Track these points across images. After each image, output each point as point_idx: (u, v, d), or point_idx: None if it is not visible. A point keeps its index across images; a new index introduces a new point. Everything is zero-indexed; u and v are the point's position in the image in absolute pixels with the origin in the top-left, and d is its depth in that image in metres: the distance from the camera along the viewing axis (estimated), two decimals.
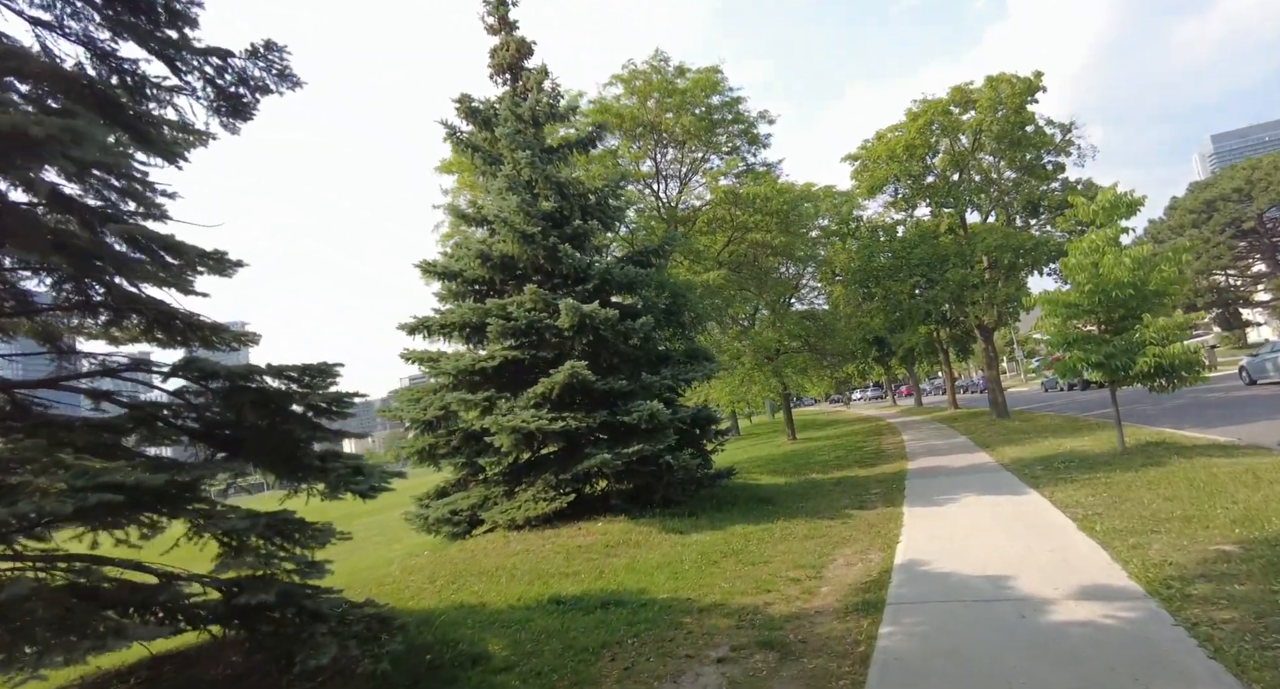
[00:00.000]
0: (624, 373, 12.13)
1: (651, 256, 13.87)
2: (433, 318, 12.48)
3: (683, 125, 21.39)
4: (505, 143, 12.47)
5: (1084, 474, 10.84)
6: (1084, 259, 12.41)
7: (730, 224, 21.65)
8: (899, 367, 48.16)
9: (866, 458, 18.98)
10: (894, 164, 23.93)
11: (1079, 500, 8.83)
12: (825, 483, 14.87)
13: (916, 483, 12.79)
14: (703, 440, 13.65)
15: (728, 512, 11.63)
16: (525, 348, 12.23)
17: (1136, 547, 6.26)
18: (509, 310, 11.60)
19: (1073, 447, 14.47)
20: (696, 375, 12.50)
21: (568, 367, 10.87)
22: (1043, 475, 11.43)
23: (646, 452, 10.98)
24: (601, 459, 10.64)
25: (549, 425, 10.80)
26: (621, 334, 11.91)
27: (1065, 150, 24.45)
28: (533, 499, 11.19)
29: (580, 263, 11.89)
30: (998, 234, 22.66)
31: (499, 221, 11.79)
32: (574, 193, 13.17)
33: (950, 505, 9.97)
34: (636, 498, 11.77)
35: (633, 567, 8.19)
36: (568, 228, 12.35)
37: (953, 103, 23.45)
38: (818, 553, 8.07)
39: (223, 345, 6.75)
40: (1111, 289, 11.98)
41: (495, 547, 10.03)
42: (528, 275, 12.74)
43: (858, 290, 25.37)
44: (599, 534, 10.14)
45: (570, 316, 11.15)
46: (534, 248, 11.96)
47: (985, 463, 14.22)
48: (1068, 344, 12.76)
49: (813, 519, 10.29)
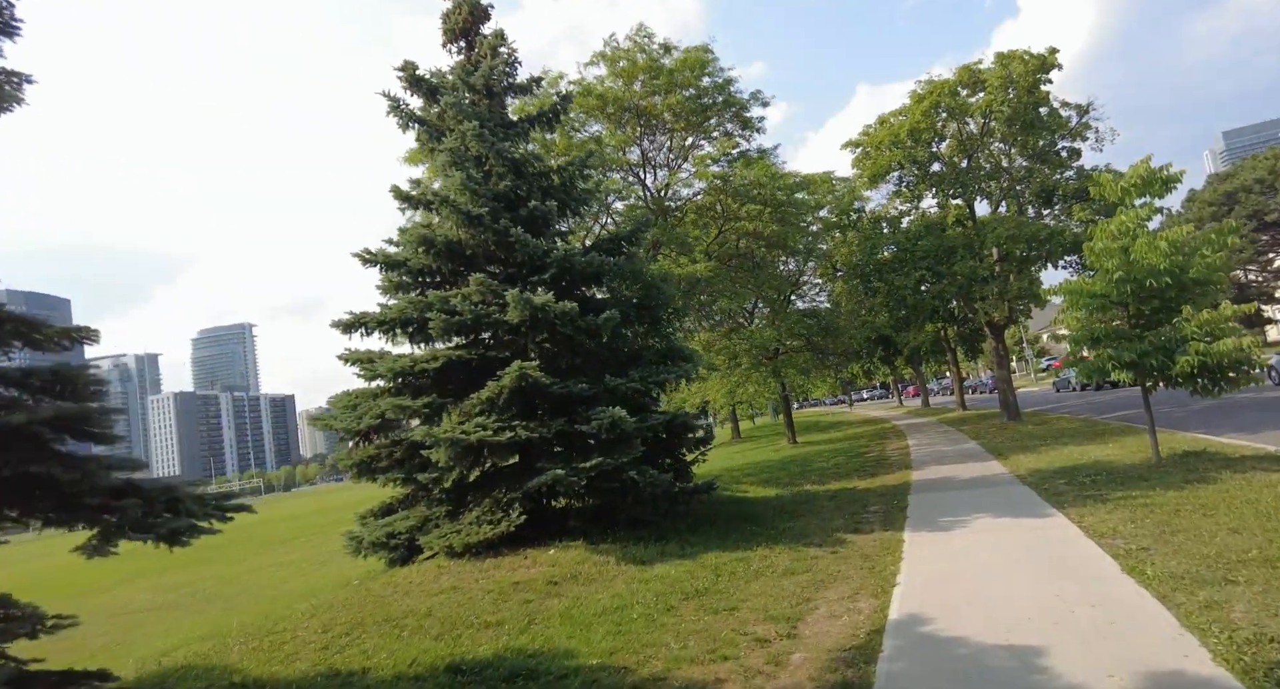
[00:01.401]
0: (587, 375, 10.64)
1: (623, 243, 12.37)
2: (371, 314, 11.00)
3: (670, 107, 19.87)
4: (451, 113, 11.00)
5: (1117, 491, 9.28)
6: (1112, 243, 10.86)
7: (720, 214, 20.13)
8: (904, 366, 46.48)
9: (868, 466, 17.43)
10: (897, 150, 22.34)
11: (1117, 528, 7.28)
12: (820, 497, 13.33)
13: (921, 499, 11.25)
14: (680, 450, 12.12)
15: (703, 534, 10.11)
16: (473, 347, 10.77)
17: (1211, 606, 4.71)
18: (451, 303, 10.11)
19: (1098, 456, 12.89)
20: (671, 377, 10.98)
21: (515, 367, 9.38)
22: (1067, 492, 9.88)
23: (607, 466, 9.47)
24: (554, 475, 9.15)
25: (493, 436, 9.31)
26: (583, 330, 10.41)
27: (1081, 134, 22.80)
28: (476, 522, 9.71)
29: (536, 249, 10.39)
30: (1009, 224, 21.04)
31: (440, 201, 10.32)
32: (533, 171, 11.69)
33: (959, 531, 8.43)
34: (599, 518, 10.28)
35: (571, 614, 6.68)
36: (523, 210, 10.86)
37: (960, 84, 21.84)
38: (797, 597, 6.55)
39: (50, 344, 5.31)
40: (1145, 277, 10.43)
41: (423, 581, 8.55)
42: (480, 264, 11.27)
43: (859, 285, 23.78)
44: (546, 564, 8.64)
45: (519, 310, 9.66)
46: (481, 232, 10.48)
47: (998, 474, 12.66)
48: (1094, 341, 11.20)
49: (798, 546, 8.77)
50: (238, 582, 16.98)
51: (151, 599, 16.19)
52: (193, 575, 19.56)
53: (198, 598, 15.29)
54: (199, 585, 17.26)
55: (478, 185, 10.62)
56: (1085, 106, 21.94)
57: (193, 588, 16.98)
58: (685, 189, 20.67)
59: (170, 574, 20.93)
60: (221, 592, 15.78)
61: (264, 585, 15.32)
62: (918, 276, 20.92)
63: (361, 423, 10.51)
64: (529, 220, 10.86)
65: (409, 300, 10.60)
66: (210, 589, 16.50)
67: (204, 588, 16.81)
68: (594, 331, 10.62)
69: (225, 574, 18.86)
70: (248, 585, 15.95)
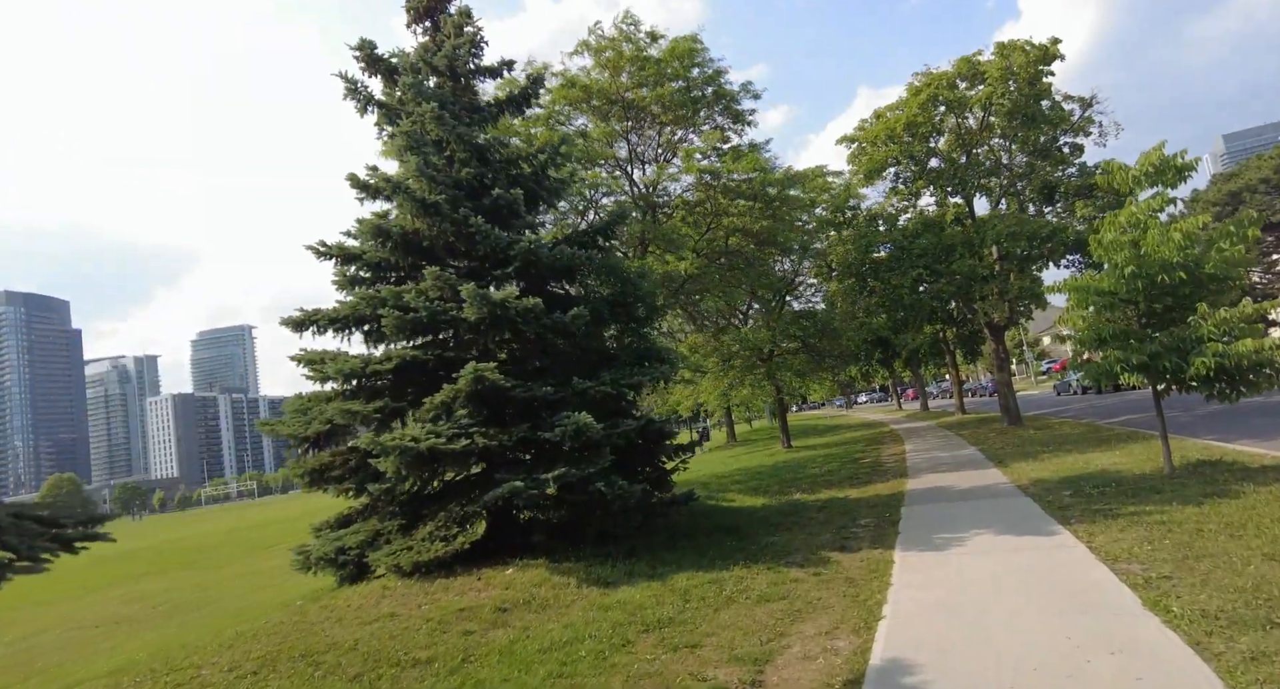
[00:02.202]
0: (555, 377, 9.84)
1: (599, 236, 11.57)
2: (323, 311, 10.21)
3: (658, 98, 19.10)
4: (409, 94, 10.21)
5: (1128, 505, 8.48)
6: (1121, 236, 10.07)
7: (709, 210, 19.34)
8: (903, 369, 45.67)
9: (861, 473, 16.61)
10: (894, 146, 21.54)
11: (1133, 550, 6.47)
12: (809, 507, 12.52)
13: (915, 512, 10.44)
14: (659, 458, 11.31)
15: (679, 549, 9.30)
16: (431, 347, 9.97)
17: (1258, 658, 3.90)
18: (405, 299, 9.31)
19: (1104, 464, 12.09)
20: (647, 379, 10.18)
21: (470, 368, 8.58)
22: (1073, 505, 9.07)
23: (572, 477, 8.66)
24: (511, 487, 8.34)
25: (446, 444, 8.50)
26: (550, 329, 9.62)
27: (1084, 129, 22.01)
28: (429, 538, 8.90)
29: (499, 241, 9.60)
30: (1009, 221, 20.25)
31: (393, 188, 9.53)
32: (499, 158, 10.91)
33: (955, 551, 7.62)
34: (566, 532, 9.48)
35: (513, 650, 5.87)
36: (486, 199, 10.07)
37: (959, 76, 21.05)
38: (769, 630, 5.74)
39: None
40: (1157, 272, 9.62)
41: (363, 605, 7.74)
42: (441, 258, 10.48)
43: (855, 285, 22.97)
44: (500, 587, 7.84)
45: (476, 306, 8.86)
46: (439, 221, 9.69)
47: (999, 484, 11.85)
48: (1100, 341, 10.39)
49: (778, 566, 7.95)
50: (210, 590, 16.38)
51: (116, 611, 15.49)
52: (168, 583, 18.92)
53: (161, 610, 14.60)
54: (169, 595, 16.61)
55: (436, 171, 9.83)
56: (1089, 100, 21.17)
57: (162, 598, 16.33)
58: (673, 184, 19.88)
59: (147, 581, 20.25)
60: (189, 603, 15.08)
61: (233, 596, 14.65)
62: (915, 275, 20.12)
63: (309, 429, 9.70)
64: (493, 210, 10.08)
65: (361, 296, 9.81)
66: (179, 600, 15.81)
67: (173, 598, 16.14)
68: (563, 330, 9.84)
69: (202, 582, 18.24)
70: (218, 596, 15.28)
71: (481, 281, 9.68)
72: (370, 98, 10.94)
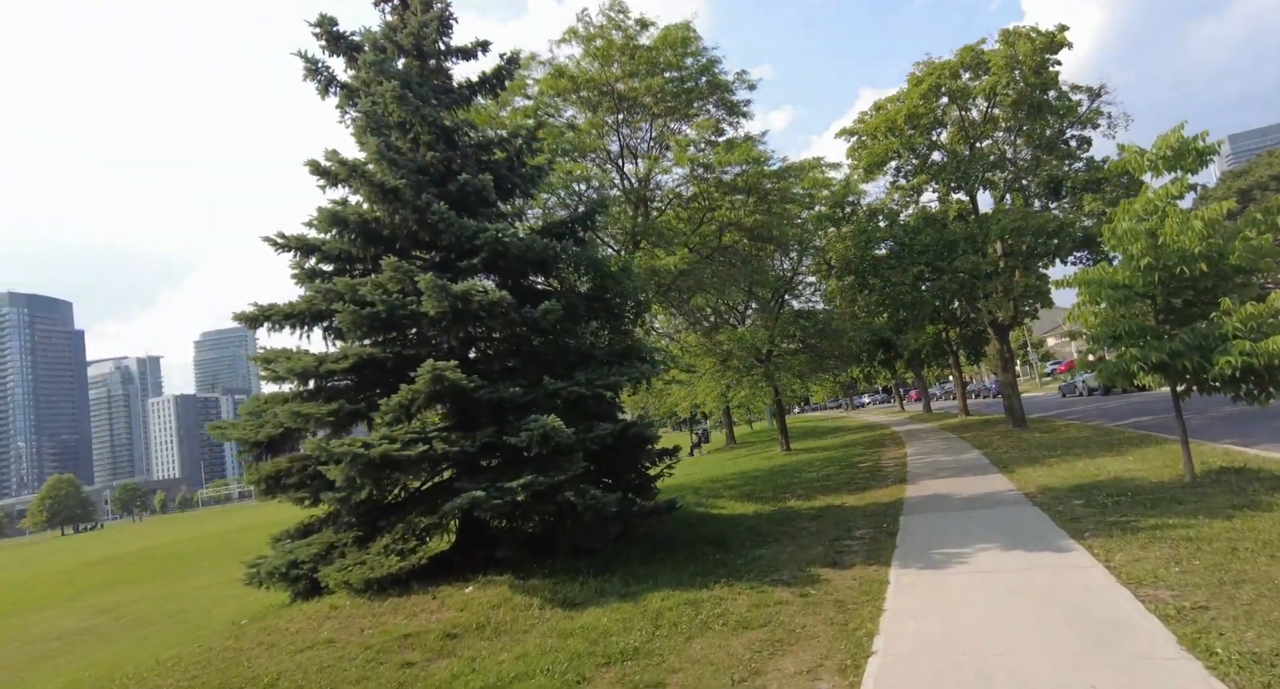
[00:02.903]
0: (525, 376, 9.12)
1: (576, 227, 10.85)
2: (279, 306, 9.50)
3: (650, 89, 18.35)
4: (371, 73, 9.49)
5: (1148, 518, 7.73)
6: (1137, 225, 9.32)
7: (702, 203, 18.59)
8: (904, 369, 44.87)
9: (860, 478, 15.86)
10: (894, 138, 20.78)
11: (1158, 572, 5.73)
12: (803, 515, 11.78)
13: (914, 522, 9.69)
14: (642, 463, 10.55)
15: (657, 564, 8.57)
16: (390, 344, 9.25)
17: None
18: (360, 292, 8.59)
19: (1117, 470, 11.34)
20: (625, 379, 9.43)
21: (428, 367, 7.86)
22: (1086, 517, 8.32)
23: (540, 485, 7.92)
24: (470, 498, 7.62)
25: (401, 451, 7.78)
26: (517, 324, 8.90)
27: (1093, 121, 21.23)
28: (384, 551, 8.17)
29: (463, 229, 8.87)
30: (1014, 215, 19.48)
31: (349, 172, 8.81)
32: (469, 143, 10.20)
33: (956, 569, 6.87)
34: (536, 545, 8.75)
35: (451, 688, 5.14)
36: (451, 185, 9.35)
37: (962, 65, 20.28)
38: (744, 666, 5.00)
39: None
40: (1176, 264, 8.88)
41: (301, 628, 7.03)
42: (405, 248, 9.77)
43: (854, 282, 22.19)
44: (455, 608, 7.11)
45: (436, 299, 8.14)
46: (400, 208, 8.97)
47: (1004, 491, 11.10)
48: (1115, 339, 9.64)
49: (763, 585, 7.21)
50: (179, 601, 15.72)
51: (78, 623, 14.84)
52: (138, 593, 18.27)
53: (123, 623, 13.96)
54: (138, 606, 15.96)
55: (398, 155, 9.12)
56: (1097, 90, 20.37)
57: (127, 609, 15.67)
58: (664, 176, 19.12)
59: (121, 589, 19.60)
60: (153, 614, 14.42)
61: (199, 608, 14.01)
62: (916, 272, 19.35)
63: (260, 432, 8.98)
64: (459, 197, 9.36)
65: (316, 290, 9.09)
66: (144, 611, 15.14)
67: (140, 610, 15.47)
68: (534, 326, 9.12)
69: (175, 591, 17.58)
70: (182, 607, 14.64)
71: (448, 274, 8.97)
72: (332, 79, 10.24)
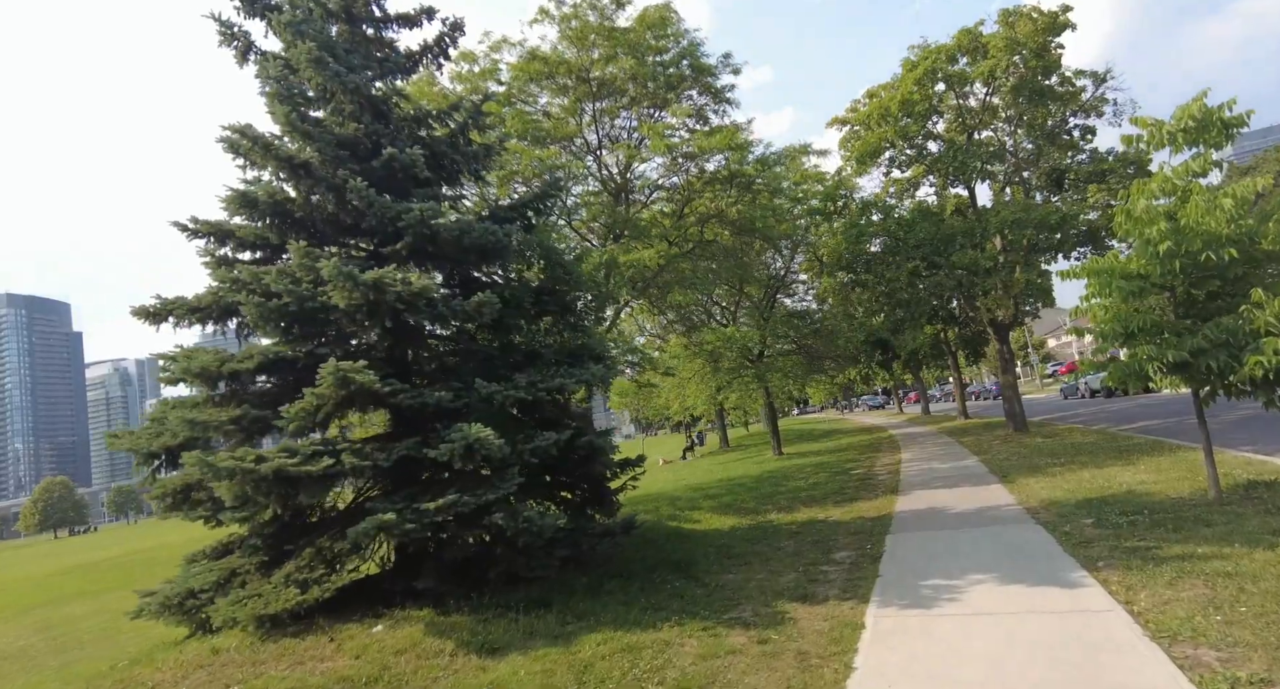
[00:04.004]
0: (461, 379, 8.00)
1: (528, 211, 9.73)
2: (184, 299, 8.39)
3: (626, 70, 17.27)
4: (287, 34, 8.38)
5: (1172, 544, 6.61)
6: (1154, 208, 8.20)
7: (681, 194, 17.49)
8: (901, 371, 43.76)
9: (849, 488, 14.73)
10: (888, 126, 19.65)
11: (1195, 621, 4.61)
12: (782, 531, 10.67)
13: (902, 543, 8.56)
14: (598, 477, 9.42)
15: (604, 596, 7.43)
16: (302, 340, 8.13)
17: None
18: (265, 282, 7.48)
19: (1129, 482, 10.22)
20: (573, 382, 8.30)
21: (329, 368, 6.74)
22: (1098, 541, 7.21)
23: (464, 506, 6.81)
24: (378, 522, 6.50)
25: (300, 465, 6.67)
26: (447, 318, 7.80)
27: (1098, 108, 20.11)
28: (285, 582, 7.05)
29: (384, 210, 7.76)
30: (1014, 208, 18.36)
31: (252, 143, 7.70)
32: (402, 116, 9.09)
33: (944, 610, 5.74)
34: (466, 573, 7.62)
35: None
36: (376, 161, 8.24)
37: (959, 49, 19.15)
38: None
39: None
40: (1200, 250, 7.76)
41: (163, 680, 5.91)
42: (328, 233, 8.66)
43: (845, 279, 21.07)
44: (352, 654, 5.99)
45: (344, 289, 7.03)
46: (313, 186, 7.86)
47: (1004, 506, 9.98)
48: (1128, 335, 8.51)
49: (718, 625, 6.09)
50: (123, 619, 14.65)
51: (12, 643, 13.70)
52: (93, 607, 17.13)
53: (57, 645, 12.82)
54: (80, 624, 14.81)
55: (312, 126, 8.00)
56: (1103, 75, 19.23)
57: (70, 627, 14.53)
58: (645, 166, 18.00)
59: (73, 604, 18.44)
60: (91, 634, 13.30)
61: (133, 630, 12.95)
62: (911, 267, 18.23)
63: (156, 442, 7.86)
64: (386, 175, 8.24)
65: (222, 279, 7.98)
66: (85, 630, 14.00)
67: (80, 628, 14.32)
68: (470, 321, 8.02)
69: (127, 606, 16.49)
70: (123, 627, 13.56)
71: (374, 263, 7.86)
72: (250, 44, 9.12)
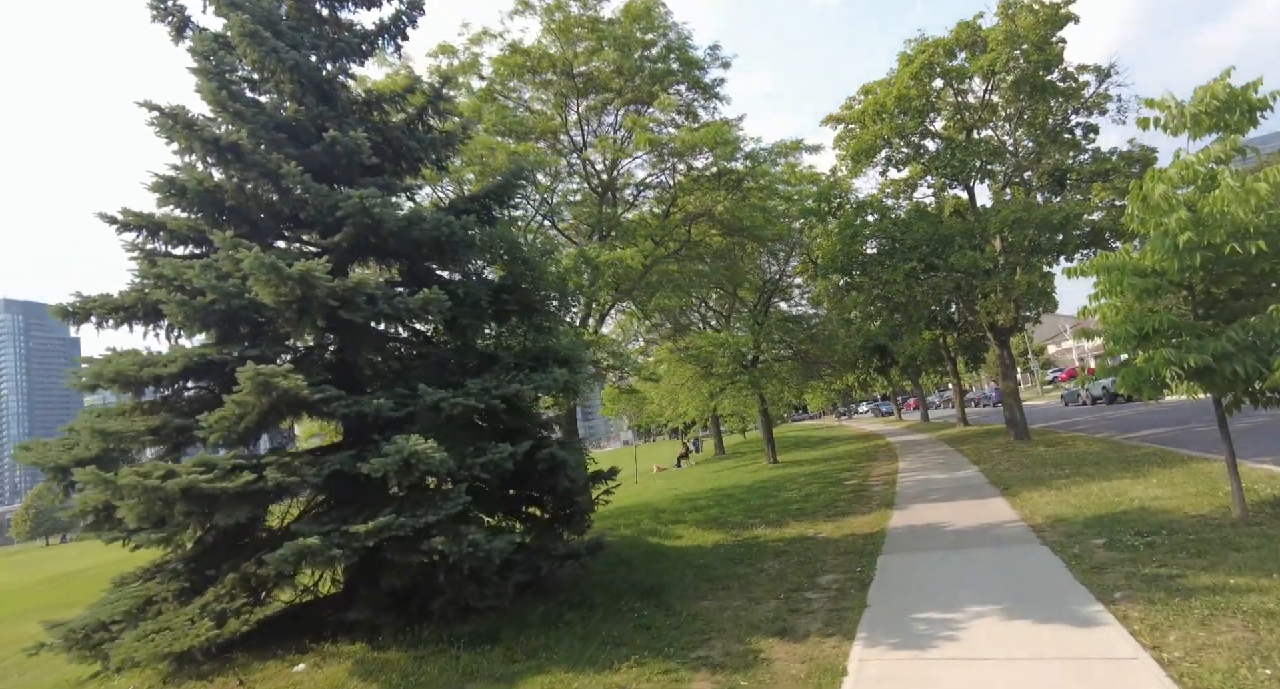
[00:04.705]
0: (406, 385, 7.23)
1: (491, 201, 8.98)
2: (109, 297, 7.62)
3: (609, 62, 16.57)
4: (223, 6, 7.64)
5: (1199, 572, 5.84)
6: (1173, 195, 7.46)
7: (667, 193, 16.75)
8: (899, 377, 42.99)
9: (842, 500, 13.95)
10: (883, 123, 18.93)
11: (1238, 674, 3.84)
12: (767, 550, 9.89)
13: (894, 567, 7.77)
14: (570, 490, 8.61)
15: (562, 629, 6.64)
16: (234, 342, 7.36)
17: None
18: (186, 276, 6.72)
19: (1142, 498, 9.46)
20: (529, 388, 7.52)
21: (249, 372, 5.97)
22: (1113, 566, 6.44)
23: (401, 528, 6.04)
24: (298, 548, 5.72)
25: (213, 483, 5.89)
26: (389, 317, 7.04)
27: (1101, 106, 19.41)
28: (200, 613, 6.25)
29: (323, 198, 7.01)
30: (1015, 207, 17.63)
31: (173, 123, 6.95)
32: (352, 99, 8.35)
33: (940, 652, 4.96)
34: (408, 604, 6.83)
35: None
36: (318, 146, 7.49)
37: (957, 43, 18.48)
38: None
39: None
40: (1226, 242, 7.02)
41: None
42: (265, 224, 7.90)
43: (839, 279, 20.31)
44: None
45: (270, 283, 6.27)
46: (243, 170, 7.11)
47: (1006, 523, 9.21)
48: (1141, 338, 7.76)
49: (682, 669, 5.31)
50: None
51: None
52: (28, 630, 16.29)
53: None
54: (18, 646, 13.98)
55: (245, 105, 7.25)
56: (1107, 69, 18.54)
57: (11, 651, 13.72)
58: (631, 163, 17.24)
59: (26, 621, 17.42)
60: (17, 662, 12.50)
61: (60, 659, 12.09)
62: (907, 269, 17.47)
63: (67, 455, 7.07)
64: (328, 161, 7.50)
65: (144, 274, 7.23)
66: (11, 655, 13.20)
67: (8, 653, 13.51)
68: (416, 320, 7.25)
69: None
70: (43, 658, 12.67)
71: (324, 258, 7.10)
72: (186, 21, 8.38)
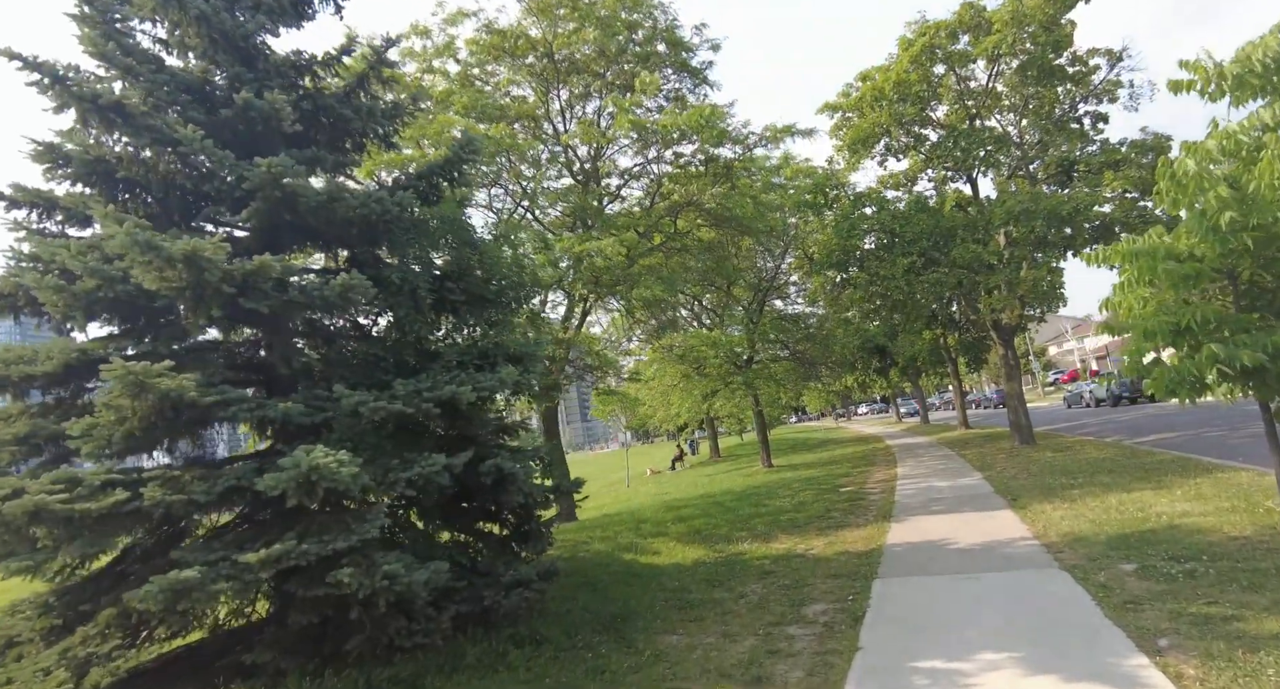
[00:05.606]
0: (328, 387, 6.22)
1: (437, 178, 7.98)
2: None
3: (594, 43, 15.61)
4: None
5: (1259, 612, 4.85)
6: (1209, 171, 6.48)
7: (652, 183, 15.78)
8: (898, 377, 42.05)
9: (836, 509, 12.94)
10: (882, 111, 17.95)
11: None
12: (751, 569, 8.89)
13: (891, 596, 6.77)
14: (524, 506, 7.60)
15: (503, 673, 5.64)
16: (130, 336, 6.36)
17: None
18: (59, 260, 5.71)
19: (1168, 512, 8.48)
20: (470, 390, 6.50)
21: (117, 369, 4.97)
22: (1151, 602, 5.45)
23: (303, 556, 5.03)
24: (172, 582, 4.71)
25: (69, 503, 4.88)
26: (302, 306, 6.04)
27: (1111, 93, 18.45)
28: (59, 659, 5.25)
29: (225, 169, 6.01)
30: (1021, 197, 16.66)
31: (49, 78, 5.94)
32: (277, 62, 7.35)
33: None
34: (321, 642, 5.83)
35: None
36: (230, 110, 6.49)
37: (960, 26, 17.50)
38: None
39: None
40: (1275, 222, 6.06)
41: None
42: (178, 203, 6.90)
43: (835, 276, 19.34)
44: None
45: (151, 265, 5.27)
46: (135, 135, 6.11)
47: (1016, 541, 8.22)
48: (1178, 334, 6.78)
49: None
50: None
51: None
52: None
53: None
54: None
55: (136, 60, 6.25)
56: (1118, 53, 17.57)
57: None
58: (611, 147, 16.23)
59: None
60: None
61: None
62: (906, 263, 16.48)
63: None
64: (243, 128, 6.49)
65: (13, 256, 6.22)
66: None
67: None
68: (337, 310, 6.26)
69: None
70: None
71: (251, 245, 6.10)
72: None
